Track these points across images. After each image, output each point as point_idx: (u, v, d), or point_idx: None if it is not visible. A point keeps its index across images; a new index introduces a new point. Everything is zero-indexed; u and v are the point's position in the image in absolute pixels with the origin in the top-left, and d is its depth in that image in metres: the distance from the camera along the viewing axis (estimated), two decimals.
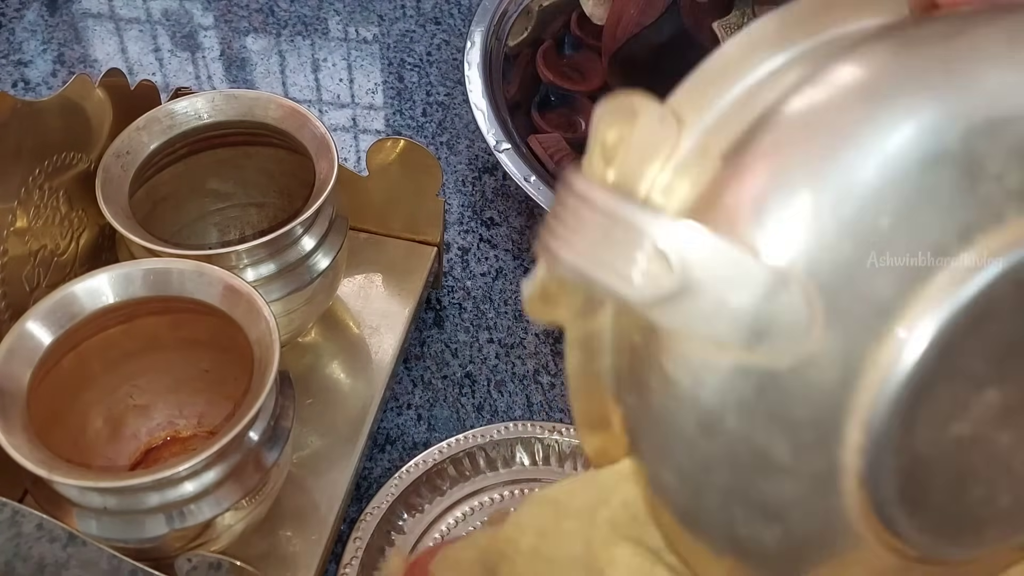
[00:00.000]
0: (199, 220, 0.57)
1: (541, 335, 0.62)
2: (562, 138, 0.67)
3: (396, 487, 0.52)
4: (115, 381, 0.48)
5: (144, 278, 0.43)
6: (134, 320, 0.46)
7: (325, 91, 0.78)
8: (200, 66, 0.79)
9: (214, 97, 0.51)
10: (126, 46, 0.80)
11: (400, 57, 0.80)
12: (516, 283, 0.64)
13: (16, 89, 0.75)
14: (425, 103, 0.76)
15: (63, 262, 0.49)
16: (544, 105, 0.72)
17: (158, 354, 0.48)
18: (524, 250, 0.66)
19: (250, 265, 0.47)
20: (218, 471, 0.40)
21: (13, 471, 0.37)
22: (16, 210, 0.45)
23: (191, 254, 0.44)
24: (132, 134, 0.49)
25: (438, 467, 0.53)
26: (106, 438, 0.48)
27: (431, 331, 0.62)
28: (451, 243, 0.67)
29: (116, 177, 0.48)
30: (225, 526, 0.42)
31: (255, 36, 0.81)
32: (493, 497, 0.53)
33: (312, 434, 0.52)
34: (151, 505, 0.39)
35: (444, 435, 0.55)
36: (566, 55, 0.75)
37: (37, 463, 0.36)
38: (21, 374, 0.40)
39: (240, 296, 0.43)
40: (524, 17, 0.74)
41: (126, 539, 0.39)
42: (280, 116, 0.51)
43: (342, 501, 0.50)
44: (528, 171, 0.62)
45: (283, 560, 0.48)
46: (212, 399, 0.50)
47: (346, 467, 0.51)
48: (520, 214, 0.69)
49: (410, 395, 0.58)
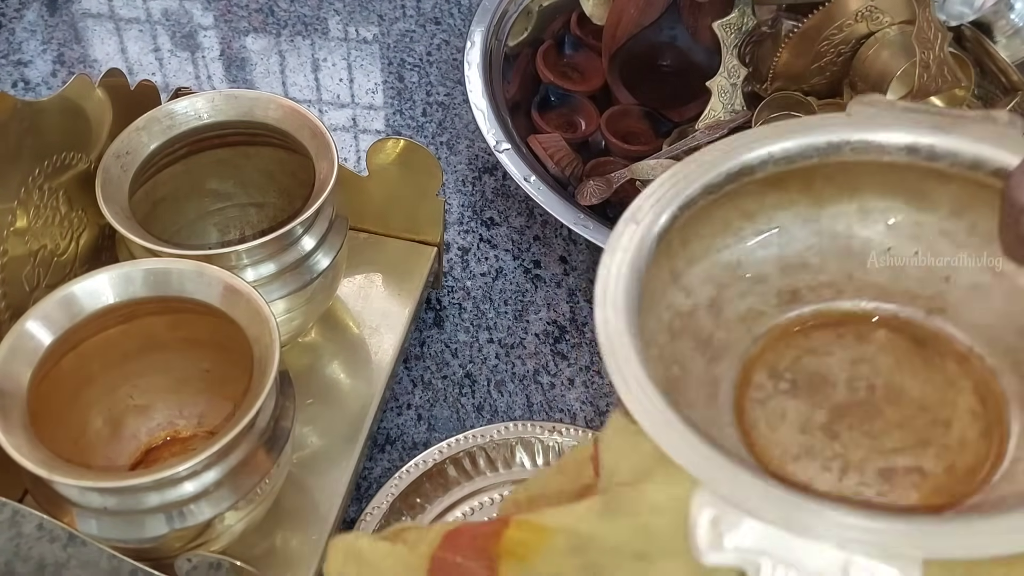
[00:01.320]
0: (199, 220, 0.57)
1: (541, 335, 0.62)
2: (562, 138, 0.67)
3: (396, 487, 0.52)
4: (115, 381, 0.48)
5: (144, 278, 0.43)
6: (134, 320, 0.46)
7: (325, 91, 0.78)
8: (200, 66, 0.79)
9: (214, 97, 0.51)
10: (126, 46, 0.80)
11: (400, 57, 0.80)
12: (516, 283, 0.65)
13: (16, 89, 0.75)
14: (425, 103, 0.76)
15: (63, 262, 0.49)
16: (544, 105, 0.72)
17: (158, 354, 0.48)
18: (524, 250, 0.66)
19: (250, 265, 0.47)
20: (218, 471, 0.40)
21: (13, 471, 0.37)
22: (16, 210, 0.45)
23: (191, 254, 0.44)
24: (132, 134, 0.49)
25: (438, 467, 0.53)
26: (106, 438, 0.48)
27: (431, 331, 0.62)
28: (451, 243, 0.67)
29: (116, 177, 0.48)
30: (225, 526, 0.42)
31: (255, 36, 0.81)
32: (493, 497, 0.53)
33: (312, 434, 0.52)
34: (151, 505, 0.39)
35: (444, 435, 0.55)
36: (566, 55, 0.75)
37: (37, 463, 0.36)
38: (21, 374, 0.40)
39: (240, 296, 0.43)
40: (524, 17, 0.74)
41: (126, 539, 0.39)
42: (280, 116, 0.51)
43: (342, 501, 0.50)
44: (528, 171, 0.62)
45: (283, 560, 0.48)
46: (212, 399, 0.50)
47: (346, 467, 0.51)
48: (520, 214, 0.69)
49: (410, 395, 0.58)
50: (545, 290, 0.64)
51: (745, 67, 0.63)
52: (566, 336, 0.62)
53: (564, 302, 0.63)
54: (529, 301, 0.63)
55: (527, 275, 0.65)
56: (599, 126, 0.69)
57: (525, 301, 0.63)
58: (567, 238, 0.67)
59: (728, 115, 0.63)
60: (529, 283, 0.64)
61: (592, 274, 0.65)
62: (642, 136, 0.69)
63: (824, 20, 0.59)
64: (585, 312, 0.63)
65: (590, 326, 0.62)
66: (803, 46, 0.60)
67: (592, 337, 0.61)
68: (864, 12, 0.59)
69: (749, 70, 0.63)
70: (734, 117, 0.63)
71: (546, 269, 0.65)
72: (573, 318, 0.62)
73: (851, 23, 0.59)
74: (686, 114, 0.69)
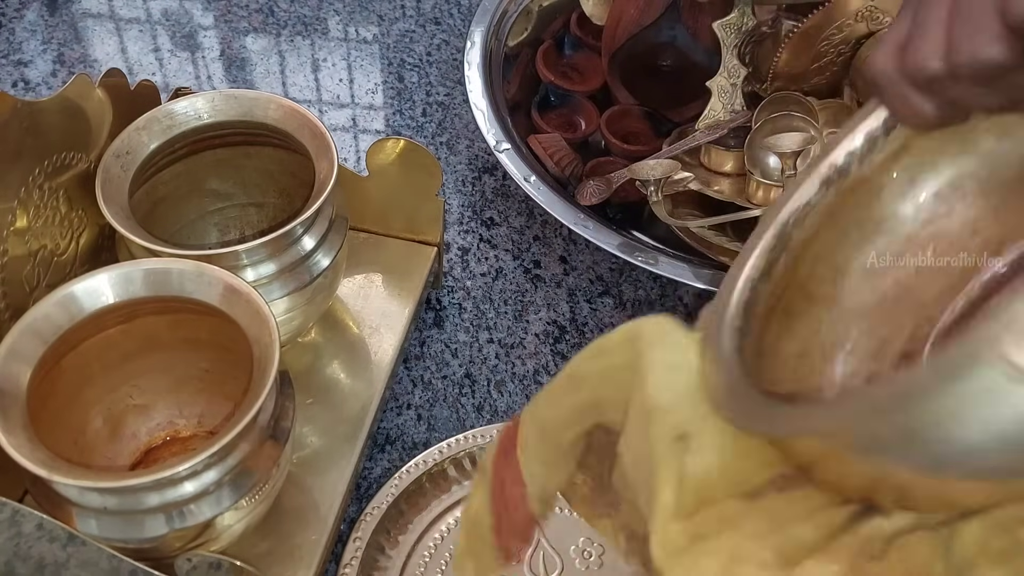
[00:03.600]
0: (199, 220, 0.57)
1: (541, 335, 0.62)
2: (562, 138, 0.67)
3: (396, 487, 0.52)
4: (115, 381, 0.48)
5: (144, 278, 0.43)
6: (134, 320, 0.46)
7: (325, 91, 0.78)
8: (200, 66, 0.79)
9: (214, 97, 0.51)
10: (126, 46, 0.80)
11: (400, 57, 0.80)
12: (516, 283, 0.65)
13: (16, 89, 0.75)
14: (425, 103, 0.76)
15: (63, 262, 0.49)
16: (544, 105, 0.72)
17: (158, 354, 0.48)
18: (524, 250, 0.66)
19: (250, 265, 0.47)
20: (218, 471, 0.40)
21: (13, 471, 0.37)
22: (16, 210, 0.45)
23: (191, 254, 0.44)
24: (132, 134, 0.49)
25: (438, 467, 0.53)
26: (106, 438, 0.48)
27: (431, 331, 0.62)
28: (451, 243, 0.67)
29: (116, 177, 0.48)
30: (225, 526, 0.42)
31: (255, 36, 0.81)
32: None
33: (312, 434, 0.52)
34: (151, 505, 0.39)
35: (444, 435, 0.55)
36: (566, 55, 0.75)
37: (37, 463, 0.36)
38: (21, 374, 0.40)
39: (240, 296, 0.43)
40: (524, 17, 0.74)
41: (126, 539, 0.39)
42: (280, 116, 0.51)
43: (342, 501, 0.50)
44: (528, 171, 0.62)
45: (283, 560, 0.48)
46: (212, 399, 0.50)
47: (346, 467, 0.51)
48: (520, 214, 0.69)
49: (410, 395, 0.58)
50: (545, 290, 0.64)
51: (745, 67, 0.63)
52: (566, 336, 0.62)
53: (564, 302, 0.63)
54: (529, 301, 0.63)
55: (527, 275, 0.65)
56: (599, 126, 0.69)
57: (525, 301, 0.63)
58: (567, 238, 0.67)
59: (728, 115, 0.63)
60: (529, 283, 0.64)
61: (592, 274, 0.66)
62: (642, 136, 0.69)
63: (824, 20, 0.59)
64: (585, 312, 0.63)
65: (590, 326, 0.62)
66: (803, 46, 0.60)
67: (592, 337, 0.61)
68: (864, 12, 0.59)
69: (749, 70, 0.63)
70: (734, 117, 0.63)
71: (546, 269, 0.65)
72: (573, 318, 0.62)
73: (851, 23, 0.59)
74: (686, 114, 0.69)
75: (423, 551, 0.50)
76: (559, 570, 0.50)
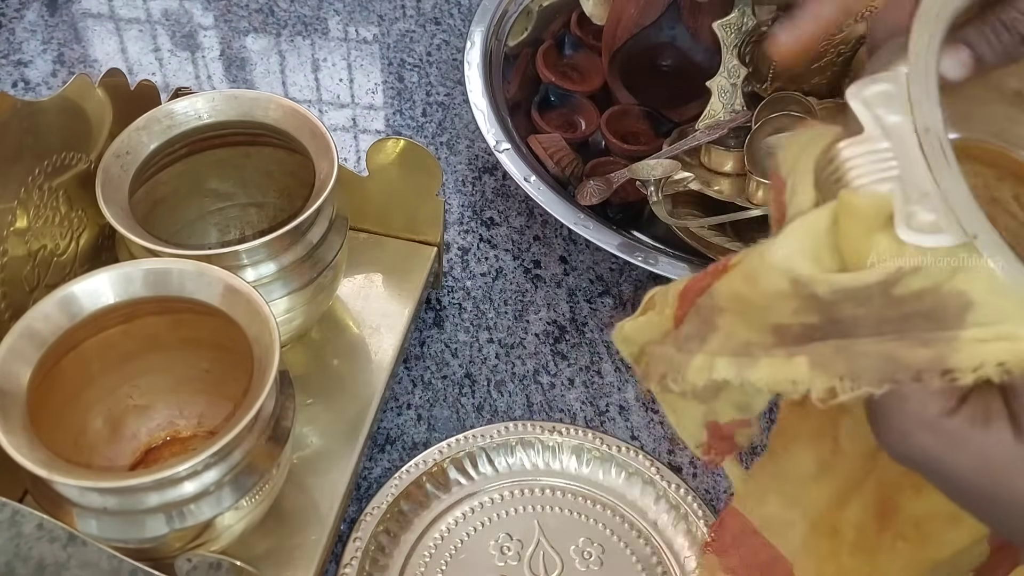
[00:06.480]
0: (199, 220, 0.57)
1: (541, 335, 0.62)
2: (562, 138, 0.67)
3: (396, 487, 0.52)
4: (115, 381, 0.48)
5: (144, 278, 0.43)
6: (134, 320, 0.46)
7: (325, 91, 0.78)
8: (200, 66, 0.79)
9: (214, 97, 0.51)
10: (126, 46, 0.80)
11: (400, 57, 0.80)
12: (516, 283, 0.65)
13: (16, 89, 0.75)
14: (425, 103, 0.76)
15: (63, 262, 0.49)
16: (544, 105, 0.72)
17: (158, 354, 0.48)
18: (524, 250, 0.66)
19: (250, 265, 0.47)
20: (218, 471, 0.40)
21: (13, 471, 0.37)
22: (16, 210, 0.45)
23: (191, 254, 0.44)
24: (132, 134, 0.49)
25: (438, 467, 0.53)
26: (106, 438, 0.48)
27: (431, 331, 0.62)
28: (451, 243, 0.67)
29: (116, 177, 0.48)
30: (225, 526, 0.42)
31: (255, 36, 0.81)
32: (493, 497, 0.53)
33: (312, 434, 0.52)
34: (151, 505, 0.39)
35: (444, 435, 0.55)
36: (566, 55, 0.75)
37: (37, 463, 0.36)
38: (21, 374, 0.40)
39: (240, 296, 0.43)
40: (524, 17, 0.74)
41: (126, 539, 0.39)
42: (280, 116, 0.51)
43: (342, 501, 0.50)
44: (528, 171, 0.62)
45: (283, 560, 0.48)
46: (212, 399, 0.50)
47: (346, 467, 0.51)
48: (520, 214, 0.69)
49: (410, 395, 0.58)
50: (545, 290, 0.64)
51: (745, 67, 0.63)
52: (566, 336, 0.62)
53: (564, 302, 0.63)
54: (529, 301, 0.63)
55: (527, 275, 0.65)
56: (599, 126, 0.69)
57: (525, 301, 0.63)
58: (567, 238, 0.67)
59: (728, 115, 0.63)
60: (529, 283, 0.64)
61: (592, 274, 0.66)
62: (642, 136, 0.69)
63: None
64: (585, 312, 0.63)
65: (590, 326, 0.62)
66: None
67: (592, 337, 0.61)
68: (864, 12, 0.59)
69: (749, 70, 0.63)
70: (734, 117, 0.63)
71: (546, 269, 0.65)
72: (573, 318, 0.62)
73: (851, 23, 0.59)
74: (686, 114, 0.69)
75: (423, 551, 0.50)
76: (559, 570, 0.50)
